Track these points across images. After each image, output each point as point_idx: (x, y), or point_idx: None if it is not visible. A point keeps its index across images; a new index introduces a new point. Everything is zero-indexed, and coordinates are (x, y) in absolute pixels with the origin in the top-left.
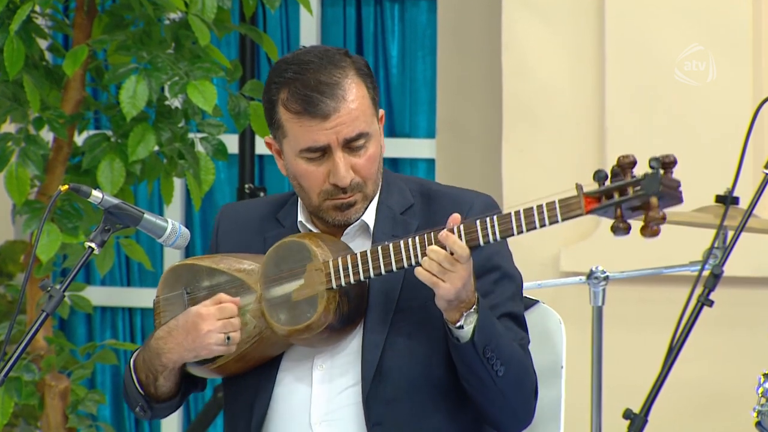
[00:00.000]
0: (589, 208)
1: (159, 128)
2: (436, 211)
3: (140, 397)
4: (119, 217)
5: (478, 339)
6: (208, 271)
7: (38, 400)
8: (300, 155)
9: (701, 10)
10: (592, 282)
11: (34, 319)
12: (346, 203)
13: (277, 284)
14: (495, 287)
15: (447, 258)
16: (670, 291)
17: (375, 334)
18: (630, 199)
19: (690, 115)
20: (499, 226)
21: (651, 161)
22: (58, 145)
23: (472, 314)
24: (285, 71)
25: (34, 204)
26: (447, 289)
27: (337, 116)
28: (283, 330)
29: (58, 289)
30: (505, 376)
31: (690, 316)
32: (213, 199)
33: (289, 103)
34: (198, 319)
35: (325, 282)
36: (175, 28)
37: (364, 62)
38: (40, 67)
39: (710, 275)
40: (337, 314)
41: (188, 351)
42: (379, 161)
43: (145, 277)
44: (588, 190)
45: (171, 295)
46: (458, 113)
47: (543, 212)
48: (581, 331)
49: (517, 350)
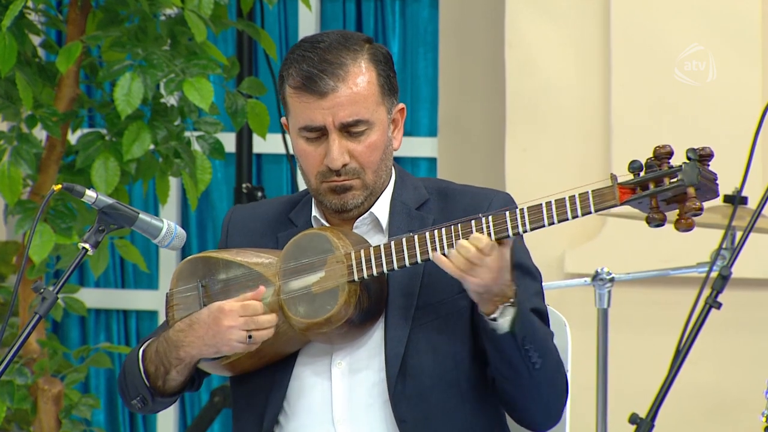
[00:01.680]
0: (623, 199)
1: (154, 126)
2: (453, 209)
3: (144, 388)
4: (114, 218)
5: (518, 330)
6: (224, 264)
7: (31, 404)
8: (300, 134)
9: (710, 6)
10: (597, 284)
11: (26, 322)
12: (340, 186)
13: (297, 277)
14: (522, 282)
15: (475, 254)
16: (677, 293)
17: (398, 330)
18: (666, 189)
19: (698, 114)
20: (529, 216)
21: (688, 152)
22: (51, 143)
23: (509, 308)
24: (297, 49)
25: (26, 204)
26: (476, 284)
27: (335, 96)
28: (301, 323)
29: (52, 290)
30: (542, 368)
31: (697, 319)
32: (209, 199)
33: (291, 78)
34: (220, 314)
35: (347, 274)
36: (171, 24)
37: (384, 51)
38: (32, 64)
39: (718, 277)
40: (357, 308)
41: (208, 346)
42: (383, 151)
43: (140, 278)
44: (623, 181)
45: (185, 287)
46: (460, 111)
47: (575, 203)
48: (586, 334)
49: (553, 345)
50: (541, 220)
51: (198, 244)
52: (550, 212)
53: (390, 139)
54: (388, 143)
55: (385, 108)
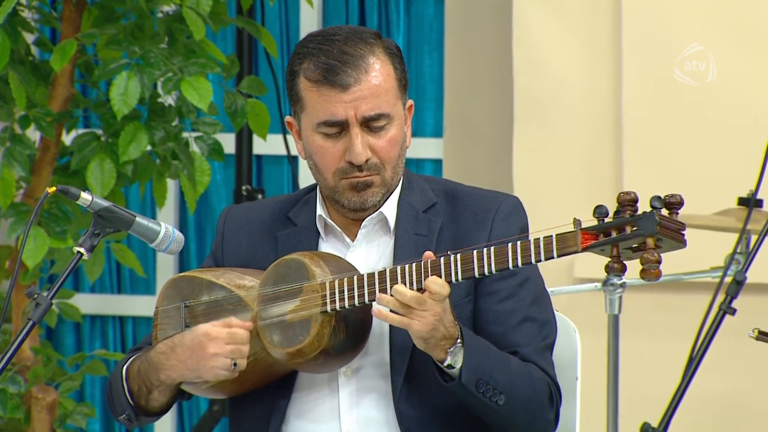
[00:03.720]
0: (585, 245)
1: (151, 127)
2: (461, 212)
3: (128, 407)
4: (110, 221)
5: (467, 377)
6: (207, 285)
7: (24, 413)
8: (317, 130)
9: (727, 2)
10: (608, 289)
11: (20, 328)
12: (362, 182)
13: (274, 303)
14: (519, 290)
15: (414, 298)
16: (690, 298)
17: (403, 336)
18: (627, 237)
19: (713, 113)
20: (495, 258)
21: (652, 200)
22: (45, 144)
23: (458, 349)
24: (310, 42)
25: (20, 207)
26: (417, 328)
27: (358, 88)
28: (276, 352)
29: (46, 296)
30: (507, 403)
31: (711, 325)
32: (208, 202)
33: (309, 71)
34: (205, 339)
35: (320, 304)
36: (168, 21)
37: (395, 45)
38: (26, 63)
39: (732, 282)
40: (332, 339)
41: (191, 371)
42: (401, 147)
43: (137, 284)
44: (586, 226)
45: (169, 307)
46: (467, 111)
47: (540, 247)
48: (596, 341)
49: (518, 372)
50: (505, 262)
51: (196, 248)
52: (515, 255)
53: (405, 136)
54: (404, 139)
55: (402, 103)
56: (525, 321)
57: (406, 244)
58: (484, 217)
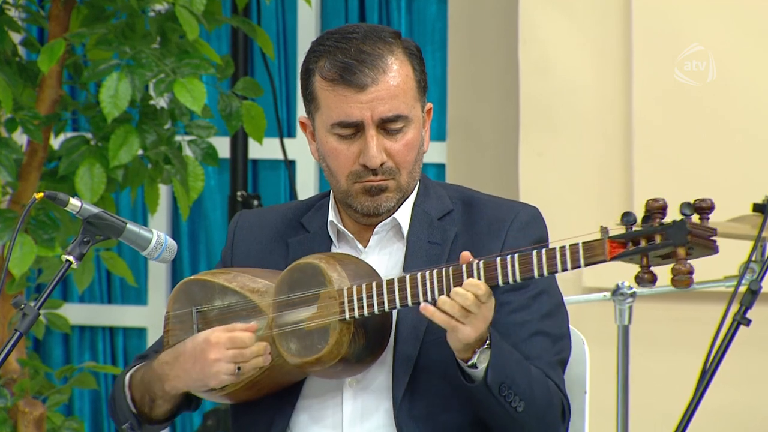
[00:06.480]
0: (612, 254)
1: (143, 130)
2: (476, 219)
3: (131, 416)
4: (99, 228)
5: (493, 379)
6: (220, 290)
7: (11, 428)
8: (331, 131)
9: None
10: (617, 299)
11: (6, 340)
12: (376, 186)
13: (290, 310)
14: (532, 302)
15: (474, 302)
16: (703, 309)
17: (407, 347)
18: (657, 247)
19: (726, 116)
20: (519, 266)
21: (682, 207)
22: (32, 148)
23: (485, 350)
24: (326, 40)
25: (6, 213)
26: (467, 333)
27: (375, 89)
28: (293, 360)
29: (33, 306)
30: (525, 411)
31: (725, 336)
32: (202, 209)
33: (325, 70)
34: (206, 345)
35: (338, 312)
36: (160, 20)
37: (414, 45)
38: (12, 64)
39: (747, 291)
40: (351, 347)
41: (195, 380)
42: (418, 151)
43: (128, 293)
44: (613, 235)
45: (181, 312)
46: (471, 114)
47: (566, 255)
48: (606, 352)
49: (538, 381)
50: (530, 271)
51: (189, 256)
52: (540, 263)
53: (423, 140)
54: (422, 143)
55: (420, 105)
56: (537, 334)
57: (418, 252)
58: (498, 227)
